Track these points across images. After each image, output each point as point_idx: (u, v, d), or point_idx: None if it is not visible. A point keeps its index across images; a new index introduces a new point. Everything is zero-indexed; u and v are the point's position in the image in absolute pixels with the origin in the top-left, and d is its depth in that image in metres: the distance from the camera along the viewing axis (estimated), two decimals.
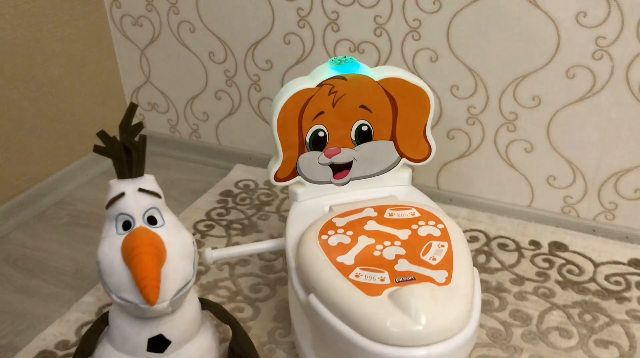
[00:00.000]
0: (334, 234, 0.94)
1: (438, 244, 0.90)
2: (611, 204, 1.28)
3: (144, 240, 0.76)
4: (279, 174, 1.04)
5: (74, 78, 1.55)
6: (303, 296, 0.90)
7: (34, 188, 1.49)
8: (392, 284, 0.82)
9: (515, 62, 1.22)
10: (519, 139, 1.30)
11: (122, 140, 0.78)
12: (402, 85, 1.00)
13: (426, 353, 0.77)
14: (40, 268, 1.30)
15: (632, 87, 1.16)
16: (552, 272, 1.22)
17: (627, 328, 1.08)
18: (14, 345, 1.11)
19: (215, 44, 1.50)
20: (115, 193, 0.80)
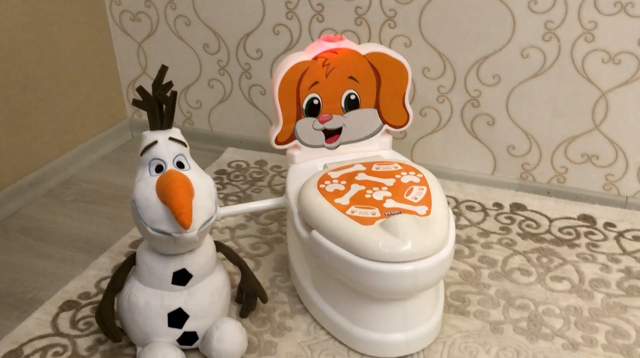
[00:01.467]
0: (330, 183, 1.10)
1: (418, 188, 1.08)
2: (562, 168, 1.48)
3: (177, 178, 0.91)
4: (279, 138, 1.20)
5: (77, 68, 1.68)
6: (305, 235, 1.06)
7: (41, 169, 1.61)
8: (382, 217, 0.99)
9: (477, 45, 1.42)
10: (483, 113, 1.49)
11: (155, 95, 0.93)
12: (384, 59, 1.17)
13: (413, 268, 0.94)
14: (54, 237, 1.42)
15: (576, 64, 1.36)
16: (514, 226, 1.40)
17: (577, 267, 1.26)
18: (39, 298, 1.23)
19: (209, 36, 1.66)
20: (149, 142, 0.95)
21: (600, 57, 1.34)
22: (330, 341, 1.08)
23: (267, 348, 1.07)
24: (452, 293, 1.19)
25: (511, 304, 1.16)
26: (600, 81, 1.36)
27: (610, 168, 1.45)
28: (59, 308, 1.17)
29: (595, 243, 1.34)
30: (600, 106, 1.39)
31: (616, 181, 1.46)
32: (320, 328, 1.11)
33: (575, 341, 1.07)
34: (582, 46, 1.34)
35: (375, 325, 1.03)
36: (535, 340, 1.08)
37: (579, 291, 1.19)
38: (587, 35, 1.33)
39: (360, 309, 1.04)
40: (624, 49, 1.31)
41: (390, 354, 1.05)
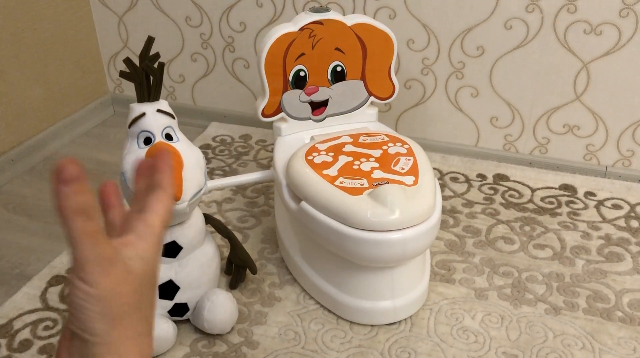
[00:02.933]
0: (318, 155, 1.11)
1: (405, 158, 1.09)
2: (544, 139, 1.51)
3: (166, 149, 0.91)
4: (265, 110, 1.20)
5: (57, 43, 1.65)
6: (294, 206, 1.07)
7: (23, 145, 1.59)
8: (370, 187, 1.00)
9: (461, 16, 1.42)
10: (466, 85, 1.50)
11: (142, 66, 0.92)
12: (370, 30, 1.17)
13: (401, 236, 0.96)
14: (39, 213, 1.41)
15: (559, 36, 1.38)
16: (497, 197, 1.43)
17: (558, 235, 1.30)
18: (26, 273, 1.22)
19: (191, 9, 1.64)
20: (137, 114, 0.95)
21: (582, 28, 1.35)
22: (320, 310, 1.10)
23: (257, 318, 1.08)
24: (437, 262, 1.22)
25: (495, 271, 1.19)
26: (582, 52, 1.38)
27: (591, 139, 1.47)
28: (48, 283, 1.17)
29: (576, 212, 1.37)
30: (582, 77, 1.41)
31: (596, 151, 1.49)
32: (310, 298, 1.13)
33: (557, 306, 1.11)
34: (565, 17, 1.35)
35: (363, 293, 1.05)
36: (518, 305, 1.11)
37: (560, 258, 1.23)
38: (570, 6, 1.34)
39: (349, 278, 1.06)
40: (606, 20, 1.33)
41: (379, 321, 1.07)
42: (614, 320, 1.08)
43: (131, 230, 0.39)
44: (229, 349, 1.02)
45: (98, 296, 0.36)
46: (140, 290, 0.38)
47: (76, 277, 0.35)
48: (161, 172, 0.42)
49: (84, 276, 0.35)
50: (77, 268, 0.35)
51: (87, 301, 0.35)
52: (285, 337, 1.04)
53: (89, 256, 0.35)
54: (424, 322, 1.07)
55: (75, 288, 0.35)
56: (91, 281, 0.35)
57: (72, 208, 0.35)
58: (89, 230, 0.35)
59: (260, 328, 1.06)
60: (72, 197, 0.35)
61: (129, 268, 0.37)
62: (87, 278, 0.35)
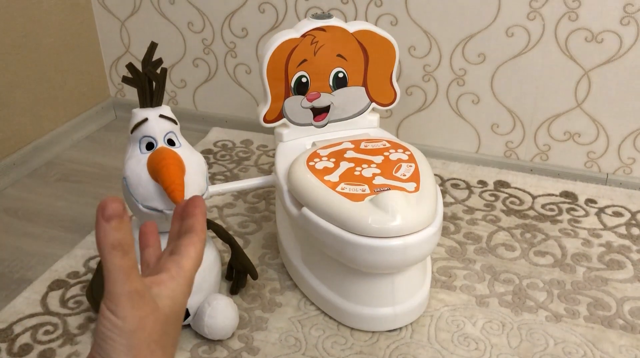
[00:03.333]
0: (320, 161, 1.11)
1: (407, 165, 1.09)
2: (545, 146, 1.51)
3: (168, 154, 0.91)
4: (267, 116, 1.20)
5: (60, 47, 1.66)
6: (295, 212, 1.07)
7: (24, 149, 1.59)
8: (371, 193, 1.00)
9: (462, 23, 1.43)
10: (467, 92, 1.50)
11: (145, 72, 0.93)
12: (372, 36, 1.18)
13: (402, 242, 0.96)
14: (40, 217, 1.41)
15: (560, 43, 1.38)
16: (498, 203, 1.43)
17: (559, 242, 1.30)
18: (27, 277, 1.22)
19: (194, 14, 1.64)
20: (139, 119, 0.95)
21: (584, 36, 1.36)
22: (320, 316, 1.10)
23: (258, 324, 1.08)
24: (438, 269, 1.22)
25: (496, 278, 1.19)
26: (583, 60, 1.38)
27: (592, 146, 1.48)
28: (48, 288, 1.17)
29: (577, 219, 1.37)
30: (583, 84, 1.41)
31: (597, 159, 1.49)
32: (310, 304, 1.13)
33: (558, 313, 1.11)
34: (566, 25, 1.36)
35: (364, 299, 1.05)
36: (519, 312, 1.11)
37: (561, 266, 1.23)
38: (571, 14, 1.34)
39: (350, 284, 1.06)
40: (607, 28, 1.34)
41: (380, 328, 1.07)
42: (615, 328, 1.07)
43: (164, 269, 0.42)
44: (230, 355, 1.02)
45: (124, 329, 0.37)
46: (166, 328, 0.40)
47: (106, 308, 0.38)
48: (193, 216, 0.44)
49: (114, 308, 0.37)
50: (108, 300, 0.38)
51: (113, 333, 0.37)
52: (286, 343, 1.04)
53: (121, 290, 0.38)
54: (424, 329, 1.07)
55: (104, 318, 0.38)
56: (120, 314, 0.37)
57: (111, 243, 0.37)
58: (124, 265, 0.38)
59: (260, 334, 1.06)
60: (112, 233, 0.37)
61: (157, 305, 0.39)
62: (117, 310, 0.37)
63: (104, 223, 0.37)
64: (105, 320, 0.37)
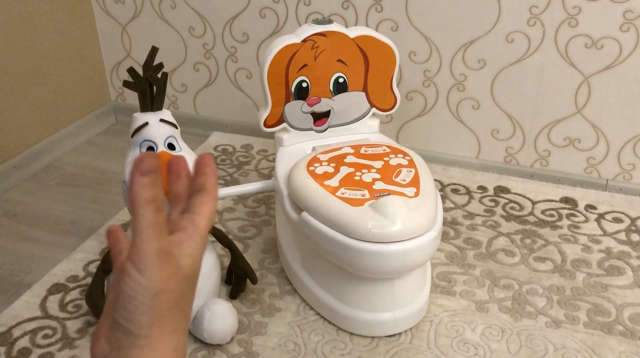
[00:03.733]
0: (320, 166, 1.11)
1: (407, 170, 1.09)
2: (545, 152, 1.51)
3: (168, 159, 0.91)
4: (267, 121, 1.20)
5: (60, 51, 1.66)
6: (295, 216, 1.07)
7: (25, 153, 1.59)
8: (371, 198, 1.00)
9: (463, 29, 1.43)
10: (468, 97, 1.51)
11: (146, 76, 0.93)
12: (372, 42, 1.18)
13: (402, 247, 0.96)
14: (40, 221, 1.41)
15: (560, 49, 1.38)
16: (498, 209, 1.43)
17: (559, 248, 1.29)
18: (26, 281, 1.22)
19: (195, 19, 1.65)
20: (139, 123, 0.95)
21: (584, 42, 1.36)
22: (320, 321, 1.10)
23: (257, 329, 1.08)
24: (438, 274, 1.22)
25: (496, 284, 1.19)
26: (583, 66, 1.39)
27: (592, 152, 1.48)
28: (47, 291, 1.17)
29: (576, 225, 1.37)
30: (583, 90, 1.41)
31: (597, 165, 1.49)
32: (310, 309, 1.13)
33: (558, 319, 1.10)
34: (566, 31, 1.36)
35: (363, 304, 1.05)
36: (519, 318, 1.11)
37: (561, 271, 1.22)
38: (571, 20, 1.35)
39: (349, 289, 1.05)
40: (607, 34, 1.34)
41: (379, 333, 1.07)
42: (614, 334, 1.07)
43: (180, 229, 0.41)
44: None
45: (150, 289, 0.36)
46: (185, 289, 0.39)
47: (132, 267, 0.36)
48: (204, 175, 0.43)
49: (142, 267, 0.36)
50: (136, 259, 0.36)
51: (137, 293, 0.36)
52: (285, 348, 1.04)
53: (151, 247, 0.36)
54: (424, 334, 1.07)
55: (129, 278, 0.36)
56: (147, 273, 0.36)
57: (145, 198, 0.36)
58: (157, 221, 0.37)
59: (260, 338, 1.06)
60: (147, 188, 0.36)
61: (180, 265, 0.38)
62: (145, 269, 0.36)
63: (140, 177, 0.37)
64: (130, 279, 0.36)
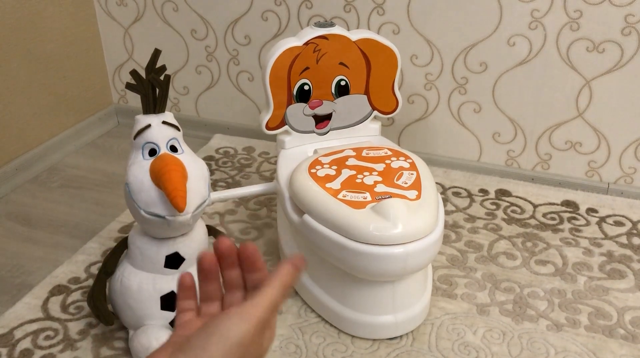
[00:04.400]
0: (321, 168, 1.11)
1: (408, 173, 1.09)
2: (546, 155, 1.51)
3: (171, 161, 0.92)
4: (269, 123, 1.20)
5: (63, 53, 1.66)
6: (297, 219, 1.07)
7: (27, 155, 1.59)
8: (373, 201, 1.00)
9: (464, 32, 1.43)
10: (469, 101, 1.51)
11: (149, 78, 0.93)
12: (374, 45, 1.18)
13: (403, 250, 0.96)
14: (41, 223, 1.42)
15: (561, 52, 1.39)
16: (499, 212, 1.43)
17: (560, 251, 1.30)
18: (28, 283, 1.22)
19: (197, 22, 1.65)
20: (142, 125, 0.95)
21: (585, 46, 1.36)
22: (321, 323, 1.10)
23: None
24: (439, 277, 1.22)
25: (497, 287, 1.19)
26: (585, 70, 1.39)
27: (593, 155, 1.48)
28: (49, 293, 1.17)
29: (578, 228, 1.37)
30: (584, 94, 1.42)
31: (598, 168, 1.49)
32: (311, 311, 1.13)
33: (559, 322, 1.10)
34: (568, 35, 1.36)
35: (365, 307, 1.05)
36: (520, 321, 1.11)
37: (562, 275, 1.22)
38: (573, 24, 1.35)
39: (351, 292, 1.06)
40: (608, 38, 1.34)
41: (380, 336, 1.07)
42: (616, 338, 1.07)
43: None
44: None
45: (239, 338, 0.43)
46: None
47: (238, 315, 0.44)
48: (260, 271, 0.50)
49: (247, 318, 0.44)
50: (246, 310, 0.45)
51: (228, 334, 0.43)
52: (286, 350, 1.04)
53: (266, 314, 0.46)
54: (425, 337, 1.07)
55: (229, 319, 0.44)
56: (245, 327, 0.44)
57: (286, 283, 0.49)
58: (279, 302, 0.47)
59: None
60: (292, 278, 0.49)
61: (268, 344, 0.48)
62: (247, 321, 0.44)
63: (293, 268, 0.48)
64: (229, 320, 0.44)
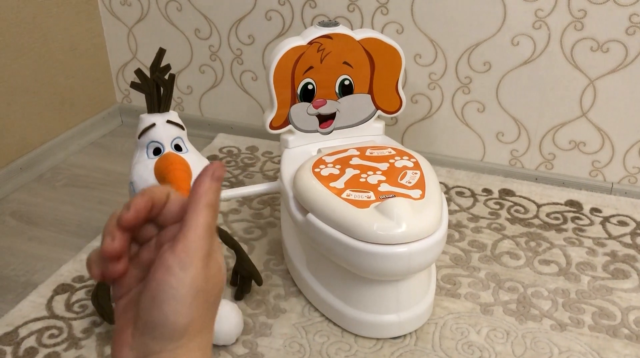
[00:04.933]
0: (325, 167, 1.11)
1: (412, 172, 1.09)
2: (550, 155, 1.51)
3: (175, 160, 0.92)
4: (273, 122, 1.20)
5: (67, 52, 1.67)
6: (301, 218, 1.07)
7: (31, 154, 1.60)
8: (377, 200, 1.00)
9: (468, 32, 1.43)
10: (473, 100, 1.51)
11: (153, 77, 0.93)
12: (378, 44, 1.18)
13: (407, 249, 0.96)
14: (46, 221, 1.42)
15: (565, 52, 1.38)
16: (502, 212, 1.43)
17: (564, 251, 1.29)
18: (33, 281, 1.23)
19: (201, 21, 1.66)
20: (146, 124, 0.96)
21: (589, 46, 1.36)
22: (325, 322, 1.10)
23: (262, 330, 1.08)
24: (443, 276, 1.22)
25: (501, 286, 1.19)
26: (589, 69, 1.39)
27: (597, 155, 1.48)
28: (54, 291, 1.18)
29: (581, 228, 1.37)
30: (588, 93, 1.41)
31: (602, 168, 1.49)
32: (315, 310, 1.13)
33: (562, 322, 1.10)
34: (572, 34, 1.36)
35: (368, 306, 1.05)
36: (524, 321, 1.11)
37: (566, 274, 1.22)
38: (577, 23, 1.35)
39: (354, 291, 1.06)
40: (612, 38, 1.34)
41: (384, 335, 1.07)
42: (620, 337, 1.07)
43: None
44: None
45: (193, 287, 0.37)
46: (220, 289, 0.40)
47: (178, 265, 0.37)
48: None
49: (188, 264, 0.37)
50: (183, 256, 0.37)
51: (179, 291, 0.37)
52: (290, 349, 1.04)
53: (203, 247, 0.38)
54: (429, 336, 1.07)
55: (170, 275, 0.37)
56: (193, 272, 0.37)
57: (208, 201, 0.39)
58: (212, 225, 0.39)
59: (265, 339, 1.06)
60: (213, 193, 0.39)
61: (219, 264, 0.40)
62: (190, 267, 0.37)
63: (211, 181, 0.39)
64: (172, 277, 0.37)
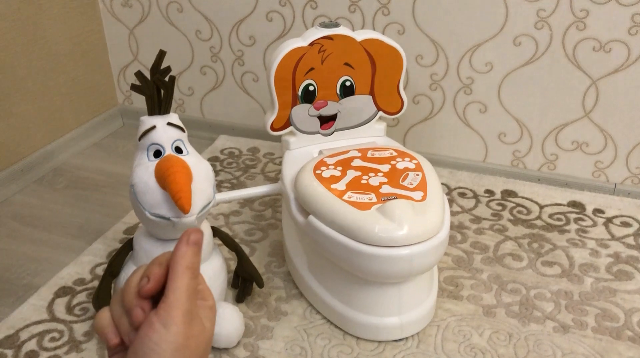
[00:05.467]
0: (326, 169, 1.11)
1: (414, 174, 1.09)
2: (552, 155, 1.50)
3: (176, 162, 0.91)
4: (274, 124, 1.20)
5: (68, 54, 1.67)
6: (302, 220, 1.07)
7: (32, 156, 1.59)
8: (378, 202, 1.00)
9: (470, 32, 1.43)
10: (475, 101, 1.50)
11: (153, 79, 0.93)
12: (379, 45, 1.18)
13: (409, 252, 0.95)
14: (47, 224, 1.42)
15: (567, 52, 1.38)
16: (505, 213, 1.42)
17: (567, 252, 1.29)
18: (34, 284, 1.22)
19: (202, 22, 1.65)
20: (147, 126, 0.95)
21: (591, 46, 1.36)
22: (326, 325, 1.10)
23: (263, 332, 1.08)
24: (445, 278, 1.21)
25: (503, 288, 1.18)
26: (591, 69, 1.38)
27: (600, 156, 1.47)
28: (55, 294, 1.17)
29: (584, 229, 1.36)
30: (591, 93, 1.41)
31: (605, 168, 1.48)
32: (316, 313, 1.12)
33: (566, 324, 1.10)
34: (574, 34, 1.36)
35: (370, 309, 1.05)
36: (527, 323, 1.10)
37: (569, 276, 1.22)
38: (579, 23, 1.34)
39: (356, 293, 1.05)
40: (615, 38, 1.33)
41: (386, 338, 1.06)
42: (623, 340, 1.06)
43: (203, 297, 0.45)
44: None
45: (173, 343, 0.40)
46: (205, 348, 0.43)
47: (158, 322, 0.40)
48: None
49: (169, 323, 0.40)
50: (164, 314, 0.40)
51: (159, 347, 0.39)
52: (292, 352, 1.04)
53: (182, 307, 0.41)
54: (431, 339, 1.07)
55: (153, 331, 0.40)
56: (173, 330, 0.40)
57: (186, 265, 0.42)
58: (191, 286, 0.42)
59: (266, 342, 1.06)
60: (190, 256, 0.42)
61: (203, 325, 0.43)
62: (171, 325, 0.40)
63: (187, 246, 0.42)
64: (154, 333, 0.40)
